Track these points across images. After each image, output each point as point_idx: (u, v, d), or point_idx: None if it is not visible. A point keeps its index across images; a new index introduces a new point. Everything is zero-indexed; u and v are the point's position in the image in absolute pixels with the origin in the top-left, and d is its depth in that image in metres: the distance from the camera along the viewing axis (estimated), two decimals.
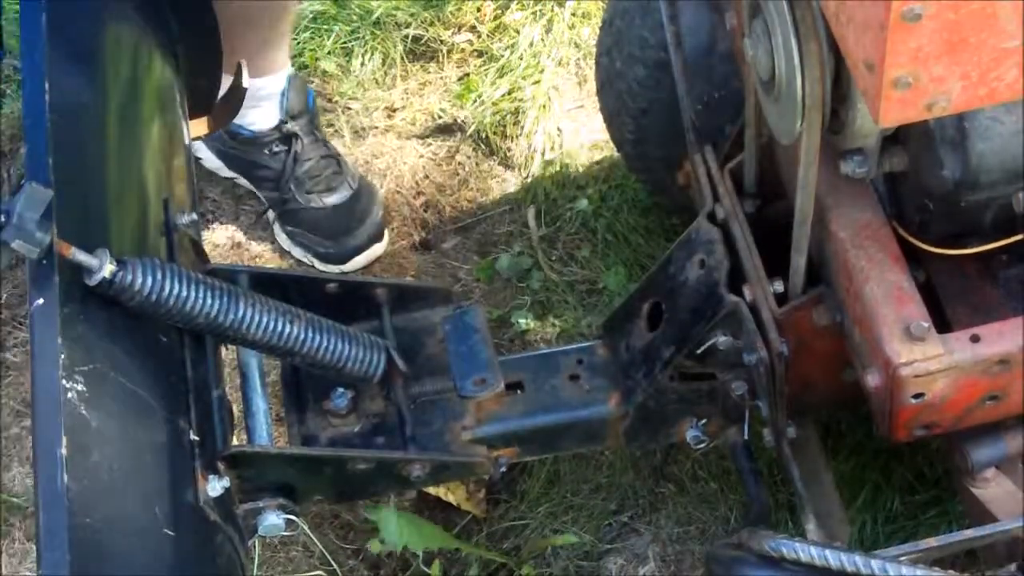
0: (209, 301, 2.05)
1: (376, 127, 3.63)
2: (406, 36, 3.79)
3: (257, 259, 3.38)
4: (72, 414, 1.76)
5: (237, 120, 3.07)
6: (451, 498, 2.94)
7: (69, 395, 1.77)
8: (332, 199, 3.33)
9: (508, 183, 3.53)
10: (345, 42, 3.78)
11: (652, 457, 2.97)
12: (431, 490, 2.91)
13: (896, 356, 2.03)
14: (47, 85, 2.01)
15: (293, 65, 3.78)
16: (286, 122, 3.32)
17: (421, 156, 3.58)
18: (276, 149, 3.34)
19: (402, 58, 3.77)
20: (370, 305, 2.47)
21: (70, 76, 2.14)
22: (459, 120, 3.65)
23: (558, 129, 3.58)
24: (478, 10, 3.82)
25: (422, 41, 3.79)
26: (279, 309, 2.16)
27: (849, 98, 1.94)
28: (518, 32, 3.76)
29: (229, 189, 3.52)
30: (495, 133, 3.60)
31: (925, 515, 2.82)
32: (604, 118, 3.12)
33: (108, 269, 1.91)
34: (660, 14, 2.69)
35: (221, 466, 2.10)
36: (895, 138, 2.09)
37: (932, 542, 2.11)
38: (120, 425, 1.88)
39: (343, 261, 3.32)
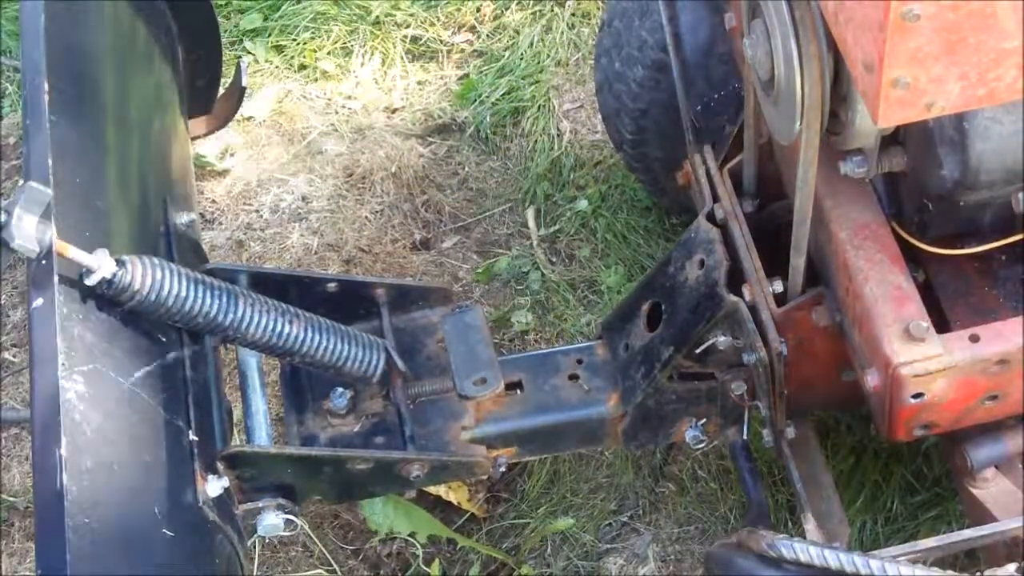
0: (208, 301, 2.06)
1: (376, 127, 3.63)
2: (406, 36, 3.79)
3: (257, 259, 3.38)
4: (71, 414, 1.76)
5: None
6: (452, 497, 2.94)
7: (68, 395, 1.77)
8: None
9: (508, 183, 3.53)
10: (345, 42, 3.79)
11: (652, 457, 2.98)
12: (432, 489, 2.92)
13: (895, 356, 2.04)
14: (47, 85, 2.01)
15: (294, 65, 3.78)
16: None
17: (421, 156, 3.58)
18: None
19: (402, 58, 3.77)
20: (370, 305, 2.47)
21: (70, 76, 2.14)
22: (459, 120, 3.65)
23: (558, 129, 3.58)
24: (478, 10, 3.83)
25: (422, 41, 3.79)
26: (278, 309, 2.17)
27: (848, 99, 1.95)
28: (518, 32, 3.76)
29: (229, 189, 3.53)
30: (495, 133, 3.60)
31: (925, 515, 2.83)
32: (603, 118, 3.12)
33: (107, 269, 1.91)
34: (659, 15, 2.70)
35: (220, 466, 2.10)
36: (894, 138, 2.09)
37: (932, 542, 2.11)
38: (119, 425, 1.88)
39: None
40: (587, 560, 2.88)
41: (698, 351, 2.35)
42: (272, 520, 2.25)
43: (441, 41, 3.79)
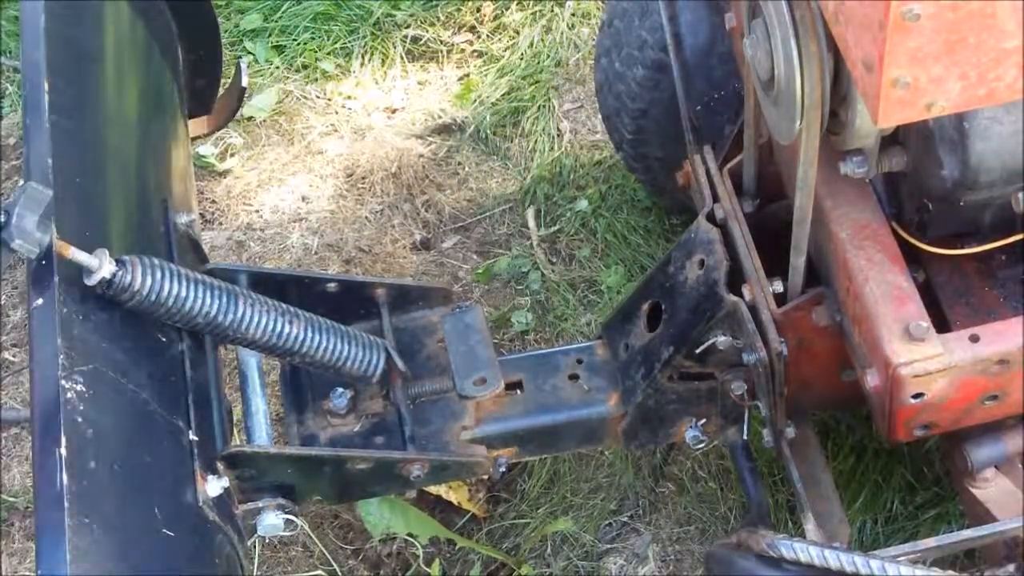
0: (208, 301, 2.05)
1: (376, 127, 3.63)
2: (406, 36, 3.79)
3: (257, 259, 3.38)
4: (71, 414, 1.76)
5: None
6: (452, 497, 2.94)
7: (68, 395, 1.77)
8: None
9: (508, 183, 3.53)
10: (345, 42, 3.79)
11: (652, 457, 2.98)
12: (432, 489, 2.92)
13: (895, 356, 2.04)
14: (47, 85, 2.01)
15: (294, 65, 3.78)
16: None
17: (421, 156, 3.58)
18: None
19: (402, 58, 3.77)
20: (370, 305, 2.47)
21: (70, 76, 2.14)
22: (459, 120, 3.65)
23: (558, 129, 3.58)
24: (478, 10, 3.83)
25: (422, 41, 3.79)
26: (278, 309, 2.17)
27: (848, 99, 1.95)
28: (518, 32, 3.76)
29: (229, 189, 3.53)
30: (495, 133, 3.60)
31: (925, 515, 2.83)
32: (603, 118, 3.12)
33: (107, 269, 1.91)
34: (659, 15, 2.70)
35: (220, 466, 2.10)
36: (894, 138, 2.09)
37: (932, 542, 2.11)
38: (119, 425, 1.88)
39: None
40: (587, 560, 2.88)
41: (698, 351, 2.35)
42: (272, 520, 2.25)
43: (441, 41, 3.79)
